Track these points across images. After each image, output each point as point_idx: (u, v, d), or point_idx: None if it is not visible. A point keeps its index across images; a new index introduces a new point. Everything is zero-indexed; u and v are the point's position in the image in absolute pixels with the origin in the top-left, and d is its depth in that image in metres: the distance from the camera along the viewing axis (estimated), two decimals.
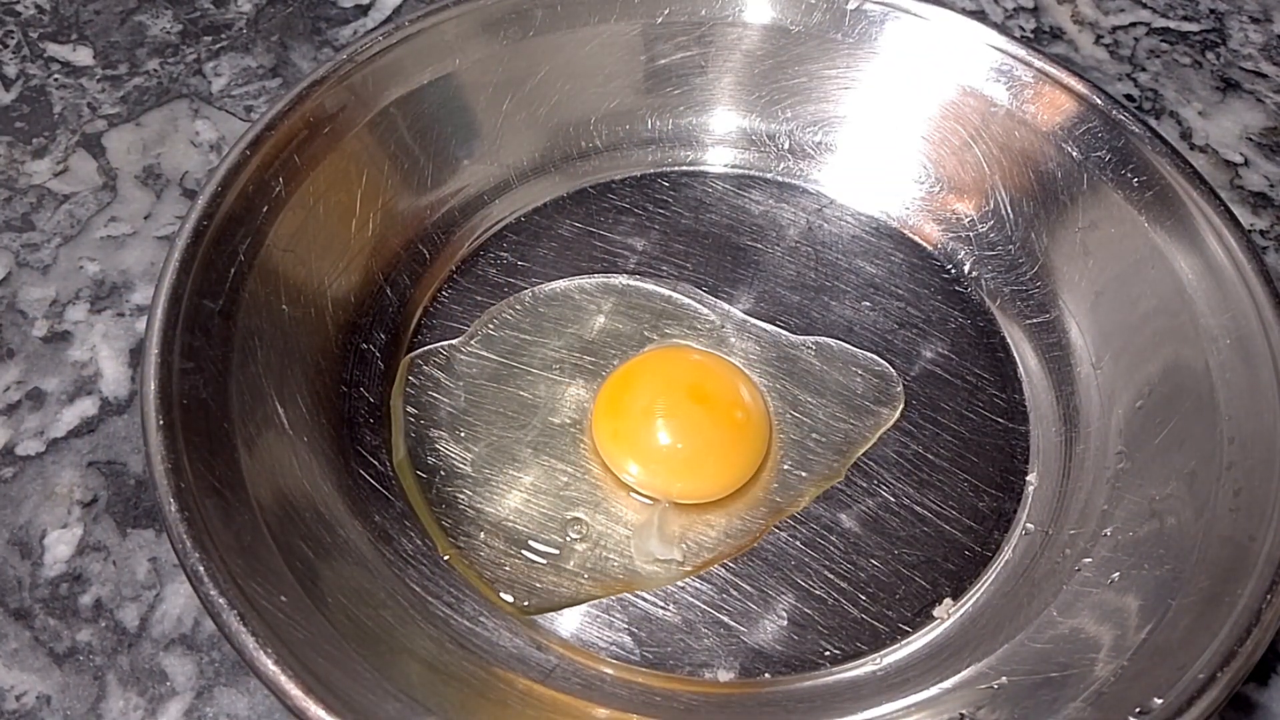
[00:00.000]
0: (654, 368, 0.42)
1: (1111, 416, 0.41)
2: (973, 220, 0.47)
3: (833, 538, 0.39)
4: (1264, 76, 0.58)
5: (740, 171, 0.50)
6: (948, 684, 0.35)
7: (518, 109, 0.47)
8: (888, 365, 0.44)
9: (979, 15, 0.58)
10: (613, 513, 0.39)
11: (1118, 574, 0.36)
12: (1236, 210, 0.41)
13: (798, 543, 0.39)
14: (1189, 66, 0.58)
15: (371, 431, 0.41)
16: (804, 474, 0.41)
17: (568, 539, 0.38)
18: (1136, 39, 0.59)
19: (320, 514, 0.37)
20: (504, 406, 0.42)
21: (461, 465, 0.40)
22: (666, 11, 0.48)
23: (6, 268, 0.46)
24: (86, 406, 0.42)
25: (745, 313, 0.45)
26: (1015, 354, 0.44)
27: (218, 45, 0.55)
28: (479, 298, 0.45)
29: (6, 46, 0.55)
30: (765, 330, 0.45)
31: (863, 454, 0.41)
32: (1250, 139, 0.55)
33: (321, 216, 0.42)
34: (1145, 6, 0.61)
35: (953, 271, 0.47)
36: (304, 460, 0.38)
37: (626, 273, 0.46)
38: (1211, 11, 0.61)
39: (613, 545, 0.39)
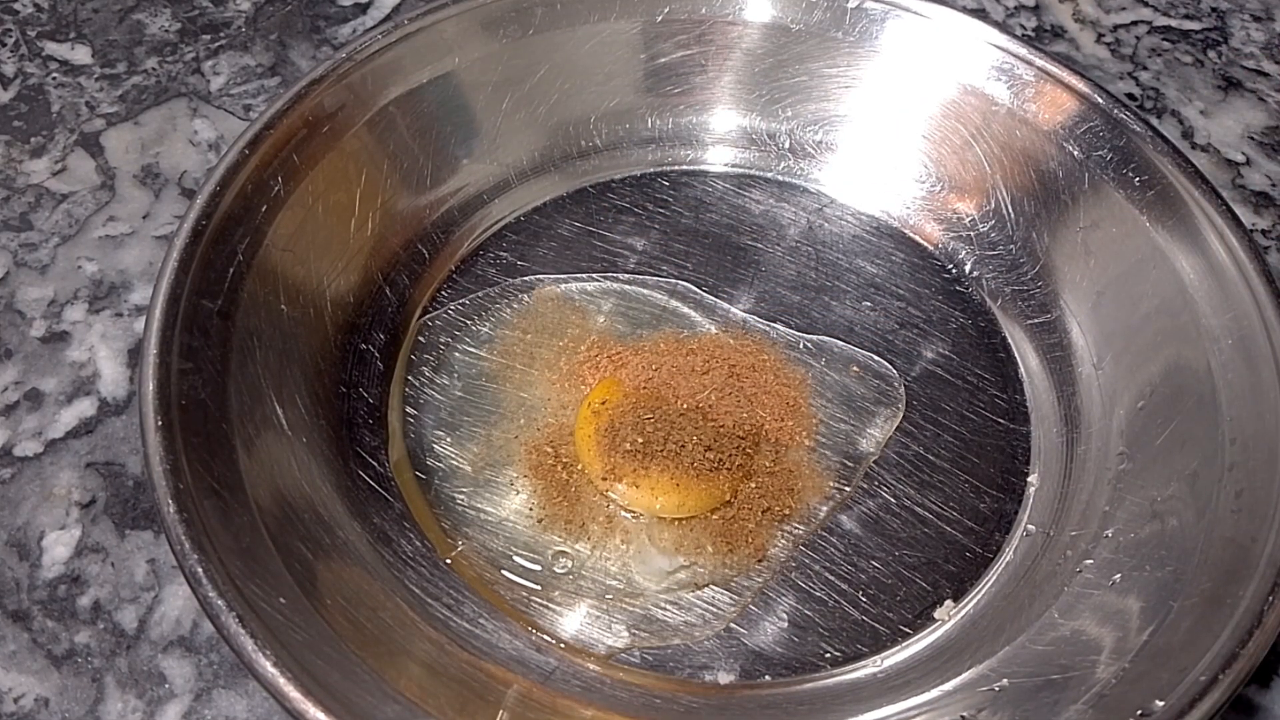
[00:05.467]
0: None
1: (1113, 417, 0.41)
2: (974, 220, 0.47)
3: (833, 539, 0.39)
4: (1266, 75, 0.58)
5: (741, 171, 0.50)
6: (949, 686, 0.35)
7: (517, 108, 0.47)
8: (888, 365, 0.44)
9: (980, 14, 0.57)
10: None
11: (1119, 575, 0.36)
12: (1238, 210, 0.40)
13: (798, 544, 0.39)
14: (1190, 65, 0.58)
15: (370, 432, 0.41)
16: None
17: (551, 566, 0.38)
18: (1138, 37, 0.59)
19: (319, 515, 0.37)
20: (503, 407, 0.42)
21: (460, 465, 0.40)
22: (666, 10, 0.48)
23: (4, 267, 0.46)
24: (85, 407, 0.42)
25: (745, 312, 0.45)
26: (1016, 354, 0.44)
27: (216, 44, 0.55)
28: (478, 297, 0.45)
29: (5, 45, 0.54)
30: (765, 330, 0.44)
31: None
32: (1252, 138, 0.55)
33: (320, 216, 0.42)
34: (1147, 5, 0.61)
35: (953, 271, 0.47)
36: (303, 461, 0.38)
37: (626, 272, 0.46)
38: (1213, 10, 0.61)
39: (612, 557, 0.38)
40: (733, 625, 0.37)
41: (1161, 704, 0.30)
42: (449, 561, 0.38)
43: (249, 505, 0.34)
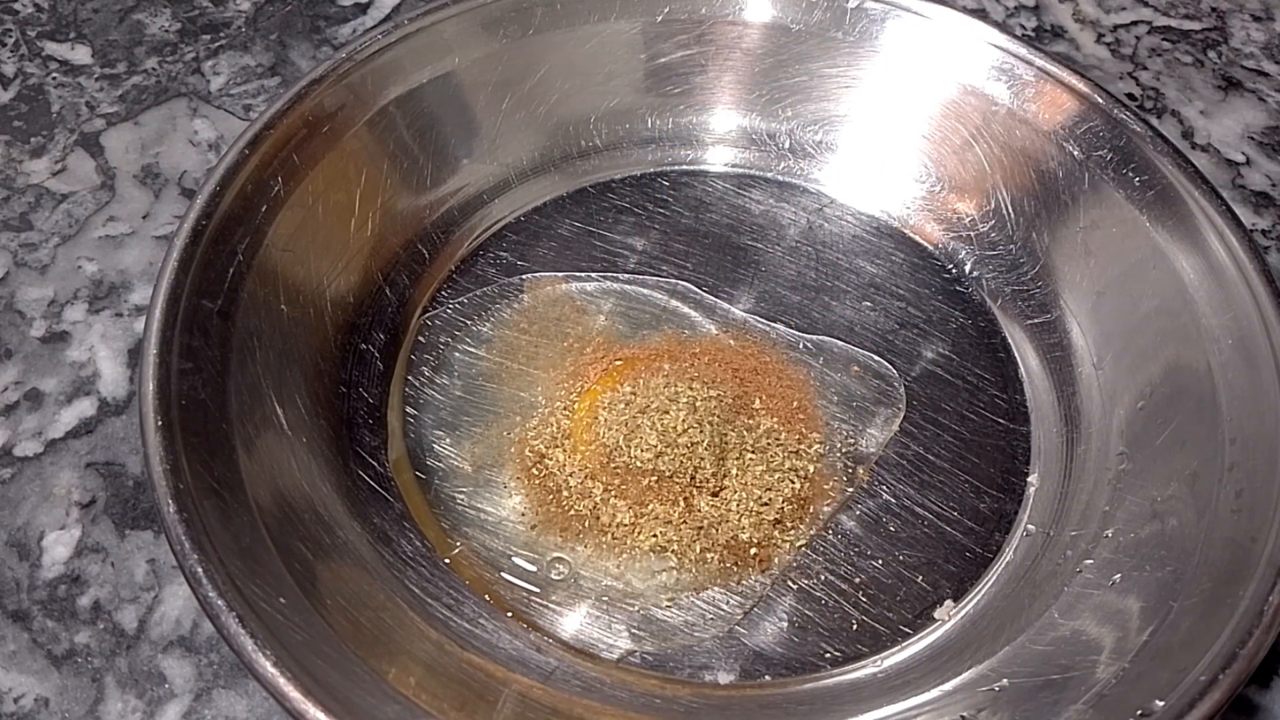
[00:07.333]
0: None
1: (1113, 417, 0.41)
2: (974, 220, 0.47)
3: (833, 539, 0.39)
4: (1266, 75, 0.58)
5: (741, 171, 0.50)
6: (948, 686, 0.35)
7: (517, 108, 0.47)
8: (888, 365, 0.44)
9: (980, 14, 0.57)
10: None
11: (1119, 575, 0.36)
12: (1238, 210, 0.40)
13: (798, 544, 0.39)
14: (1190, 65, 0.58)
15: (370, 432, 0.41)
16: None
17: (549, 569, 0.38)
18: (1138, 37, 0.59)
19: (319, 515, 0.37)
20: (503, 407, 0.42)
21: (460, 465, 0.40)
22: (666, 10, 0.48)
23: (4, 267, 0.46)
24: (85, 407, 0.42)
25: (745, 312, 0.45)
26: (1016, 354, 0.44)
27: (216, 44, 0.55)
28: (478, 297, 0.45)
29: (5, 45, 0.54)
30: (765, 330, 0.44)
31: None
32: (1252, 138, 0.55)
33: (320, 216, 0.42)
34: (1147, 5, 0.61)
35: (954, 271, 0.47)
36: (303, 461, 0.38)
37: (626, 272, 0.46)
38: (1213, 10, 0.61)
39: (612, 560, 0.38)
40: (733, 625, 0.37)
41: (1161, 704, 0.30)
42: (449, 561, 0.38)
43: (249, 505, 0.34)
